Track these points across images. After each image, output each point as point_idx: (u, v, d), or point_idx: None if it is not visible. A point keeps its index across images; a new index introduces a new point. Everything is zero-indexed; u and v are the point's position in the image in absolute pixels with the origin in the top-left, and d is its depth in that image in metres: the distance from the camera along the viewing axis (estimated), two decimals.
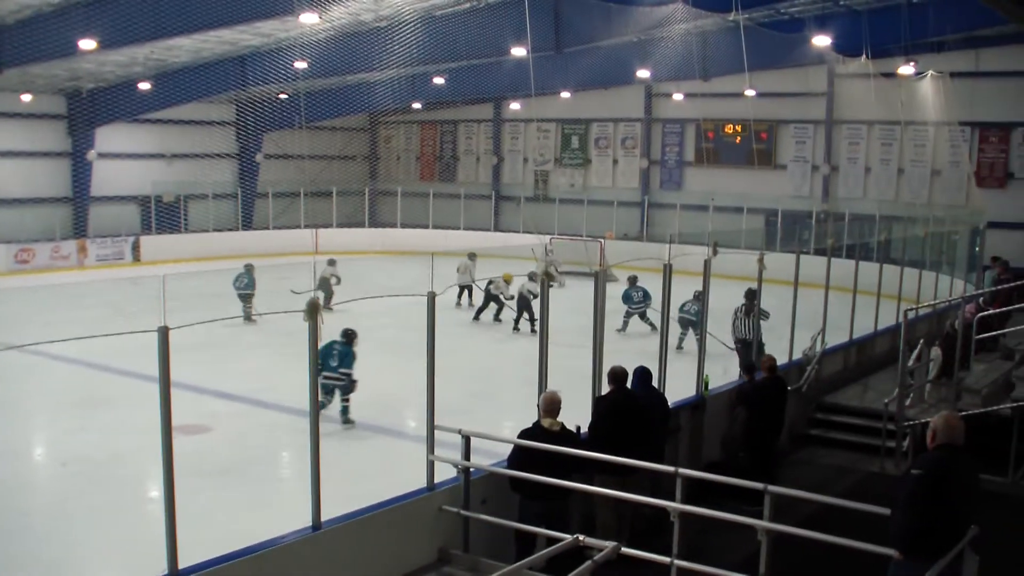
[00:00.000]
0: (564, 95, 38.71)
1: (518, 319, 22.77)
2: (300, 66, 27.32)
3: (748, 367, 12.94)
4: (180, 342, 6.60)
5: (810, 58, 28.25)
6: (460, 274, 25.45)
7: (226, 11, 22.40)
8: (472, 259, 26.56)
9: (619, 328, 22.04)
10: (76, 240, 34.24)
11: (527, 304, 22.30)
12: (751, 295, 16.05)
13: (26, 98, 33.66)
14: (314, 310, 7.39)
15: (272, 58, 28.44)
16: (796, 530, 7.19)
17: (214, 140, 37.13)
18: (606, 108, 40.56)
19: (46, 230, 33.80)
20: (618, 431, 9.39)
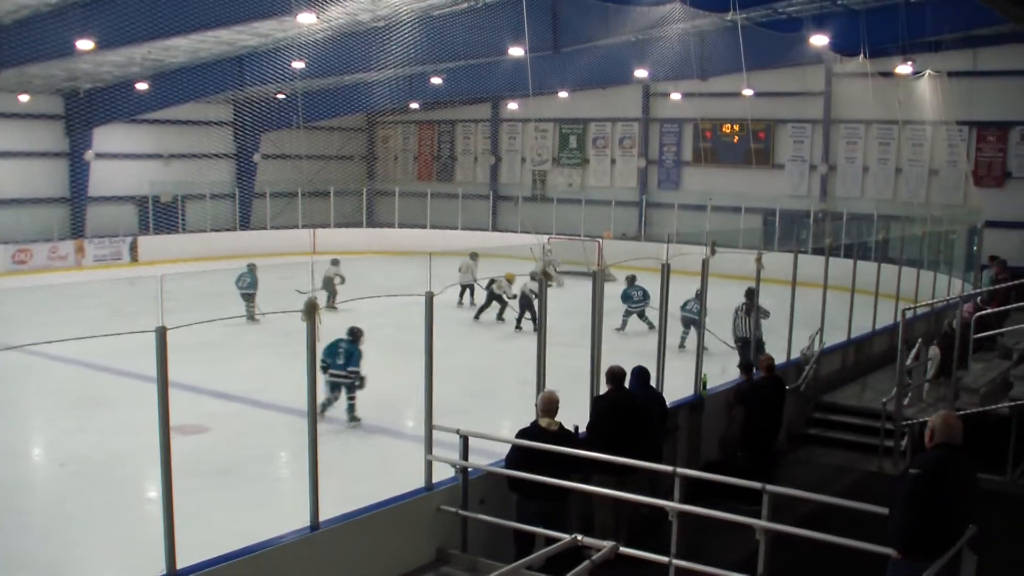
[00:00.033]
0: (562, 95, 38.71)
1: (520, 318, 22.79)
2: (298, 66, 27.31)
3: (746, 367, 12.94)
4: (178, 342, 6.60)
5: (808, 58, 28.26)
6: (462, 273, 25.58)
7: (223, 11, 22.39)
8: (474, 259, 26.66)
9: (618, 327, 22.06)
10: (74, 240, 34.21)
11: (529, 303, 22.29)
12: (750, 294, 16.06)
13: (23, 98, 33.64)
14: (312, 310, 7.38)
15: (270, 58, 28.43)
16: (794, 529, 7.19)
17: (212, 140, 37.08)
18: (604, 108, 40.54)
19: (44, 230, 33.76)
20: (616, 431, 9.39)
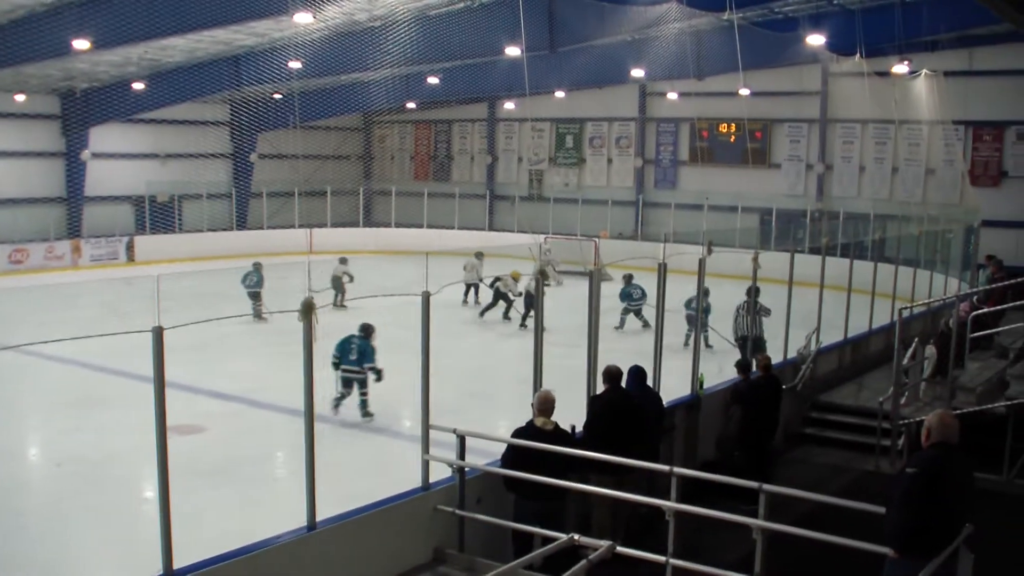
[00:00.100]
0: (558, 94, 38.65)
1: (525, 316, 22.81)
2: (294, 66, 27.28)
3: (743, 366, 12.95)
4: (175, 342, 6.60)
5: (804, 57, 28.30)
6: (467, 272, 25.77)
7: (220, 11, 22.35)
8: (479, 258, 26.77)
9: (617, 325, 22.15)
10: (70, 240, 34.17)
11: (532, 301, 22.34)
12: (752, 292, 16.08)
13: (20, 98, 33.59)
14: (309, 310, 7.38)
15: (266, 58, 28.43)
16: (791, 529, 7.19)
17: (208, 140, 37.02)
18: (600, 107, 40.53)
19: (40, 230, 33.70)
20: (613, 430, 9.39)
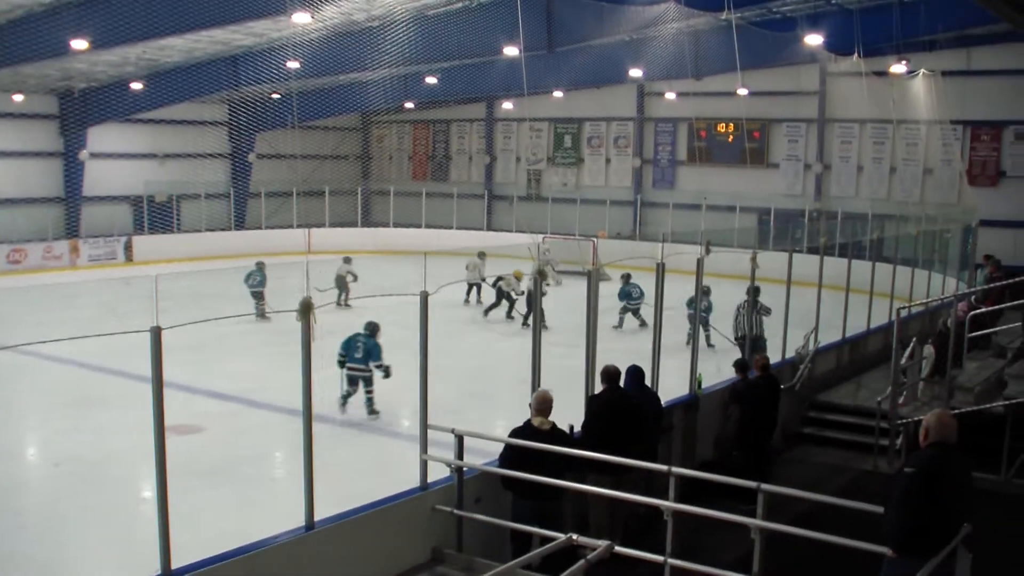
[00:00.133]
0: (557, 94, 38.69)
1: (527, 315, 22.84)
2: (292, 66, 27.28)
3: (741, 366, 12.95)
4: (173, 342, 6.59)
5: (802, 57, 28.31)
6: (469, 272, 25.96)
7: (218, 11, 22.35)
8: (482, 258, 26.88)
9: (615, 325, 22.21)
10: (68, 240, 34.15)
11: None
12: (754, 292, 16.10)
13: (18, 98, 33.56)
14: (307, 310, 7.38)
15: (264, 58, 28.42)
16: (789, 528, 7.20)
17: (206, 140, 37.00)
18: (599, 107, 40.54)
19: (38, 230, 33.69)
20: (611, 430, 9.38)
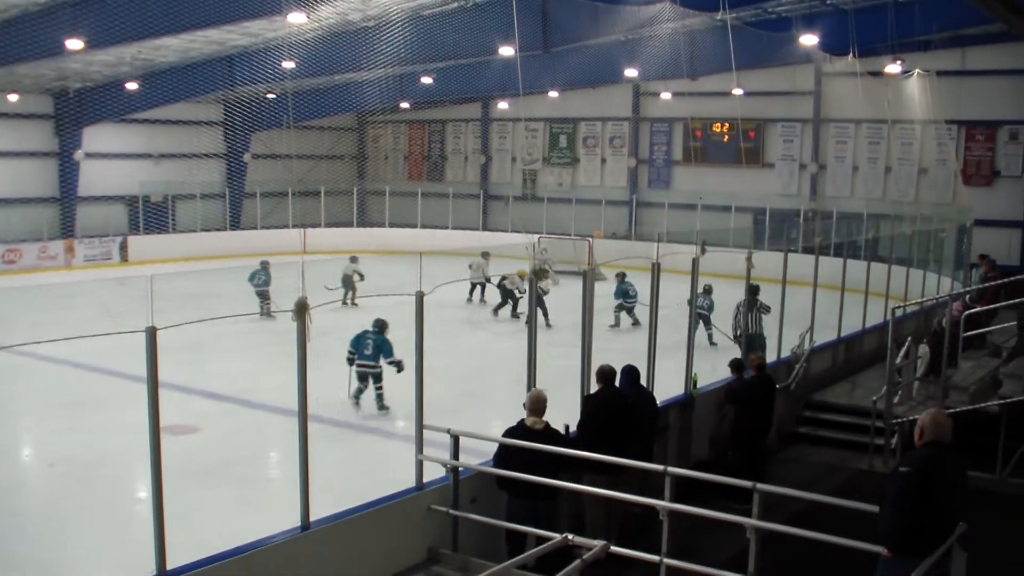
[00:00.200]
0: (552, 94, 38.66)
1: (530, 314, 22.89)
2: (288, 66, 27.25)
3: (737, 365, 12.96)
4: (168, 342, 6.59)
5: (797, 57, 28.31)
6: (472, 271, 26.01)
7: (214, 11, 22.34)
8: (485, 257, 26.94)
9: (612, 324, 22.27)
10: (63, 240, 34.10)
11: (539, 300, 22.48)
12: (753, 290, 16.15)
13: (13, 98, 33.48)
14: (302, 310, 7.37)
15: (260, 58, 28.40)
16: (785, 528, 7.21)
17: (202, 140, 37.00)
18: (594, 107, 40.53)
19: (33, 230, 33.64)
20: (607, 430, 9.39)
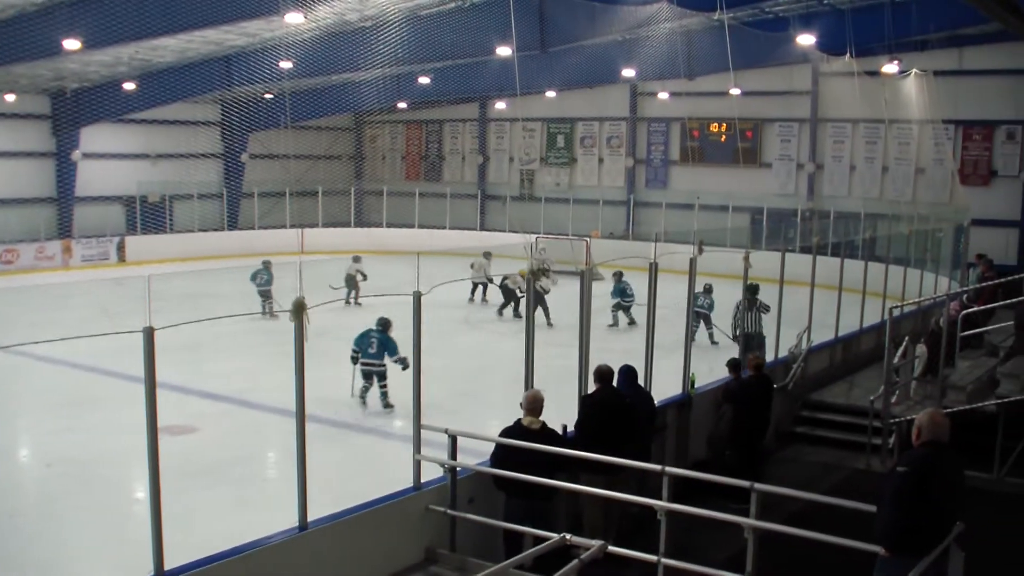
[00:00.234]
0: (549, 94, 38.67)
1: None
2: (285, 66, 27.24)
3: (734, 365, 12.96)
4: (166, 342, 6.58)
5: (794, 57, 28.32)
6: (475, 271, 26.14)
7: (211, 11, 22.31)
8: (487, 257, 27.01)
9: (610, 323, 22.31)
10: (61, 240, 34.07)
11: (540, 299, 22.58)
12: (753, 290, 16.17)
13: (10, 98, 33.44)
14: (300, 310, 7.37)
15: (257, 58, 28.36)
16: (783, 527, 7.21)
17: (199, 140, 36.96)
18: (591, 107, 40.52)
19: (30, 230, 33.61)
20: (604, 429, 9.39)
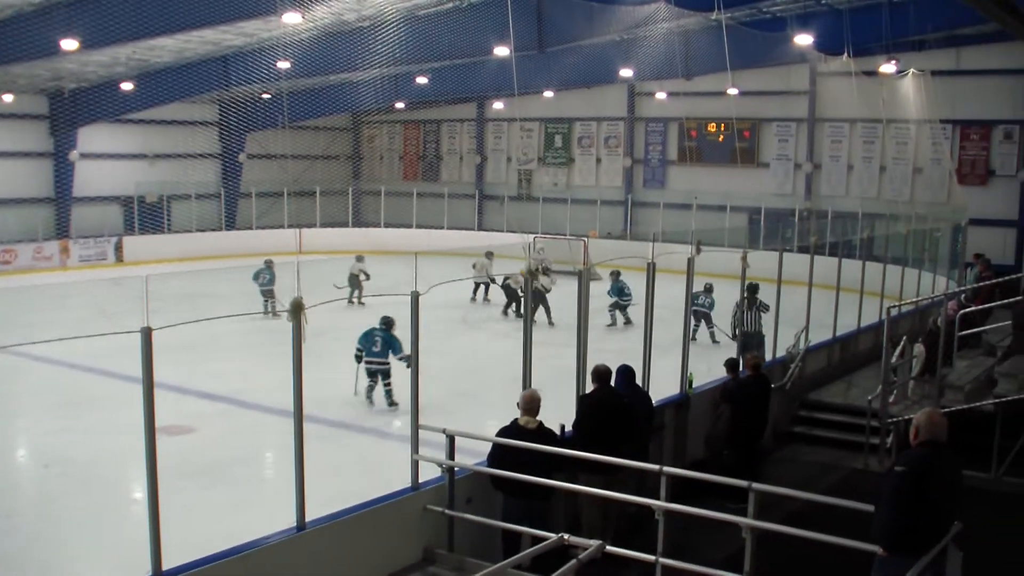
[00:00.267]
0: (547, 94, 38.66)
1: (533, 312, 22.93)
2: (283, 66, 27.20)
3: (732, 365, 12.97)
4: (163, 343, 6.58)
5: (792, 57, 28.33)
6: (477, 271, 26.22)
7: (209, 11, 22.28)
8: (489, 257, 27.05)
9: (609, 323, 22.32)
10: (58, 241, 34.02)
11: (542, 298, 22.62)
12: (753, 289, 16.18)
13: (7, 98, 33.37)
14: (297, 310, 7.37)
15: (255, 58, 28.33)
16: (780, 527, 7.22)
17: (197, 140, 36.90)
18: (589, 107, 40.52)
19: (28, 231, 33.55)
20: (602, 429, 9.39)
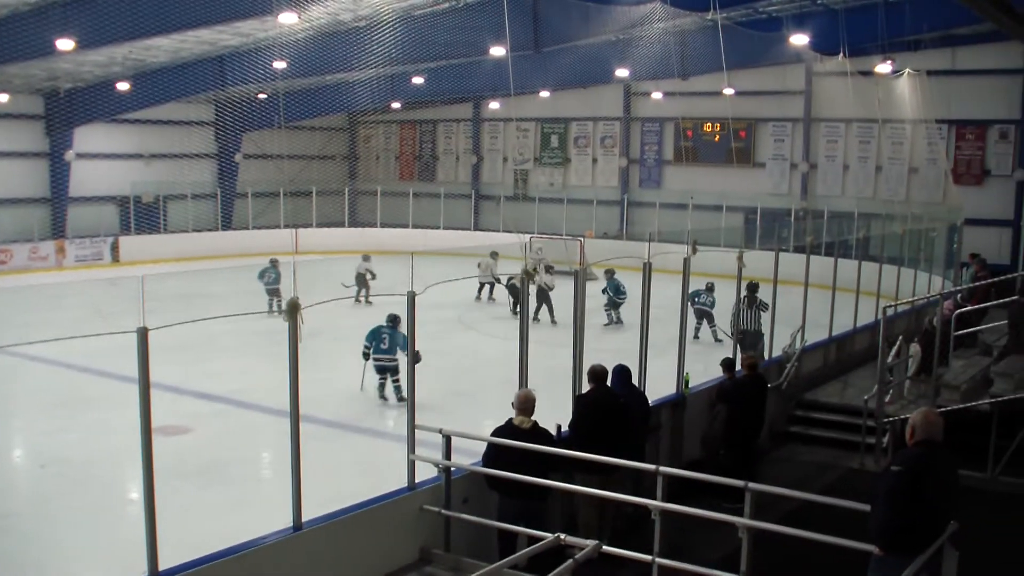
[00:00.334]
0: (543, 94, 38.70)
1: (536, 311, 22.99)
2: (279, 66, 27.22)
3: (729, 365, 12.97)
4: (160, 343, 6.58)
5: (788, 57, 28.36)
6: (481, 271, 26.35)
7: (205, 11, 22.30)
8: (494, 257, 27.12)
9: (606, 323, 22.35)
10: (54, 241, 33.99)
11: (545, 296, 22.62)
12: (753, 287, 16.17)
13: (3, 98, 33.29)
14: (294, 310, 7.37)
15: (251, 58, 28.34)
16: (777, 527, 7.22)
17: (193, 140, 36.89)
18: (585, 107, 40.55)
19: (24, 231, 33.52)
20: (599, 429, 9.39)
